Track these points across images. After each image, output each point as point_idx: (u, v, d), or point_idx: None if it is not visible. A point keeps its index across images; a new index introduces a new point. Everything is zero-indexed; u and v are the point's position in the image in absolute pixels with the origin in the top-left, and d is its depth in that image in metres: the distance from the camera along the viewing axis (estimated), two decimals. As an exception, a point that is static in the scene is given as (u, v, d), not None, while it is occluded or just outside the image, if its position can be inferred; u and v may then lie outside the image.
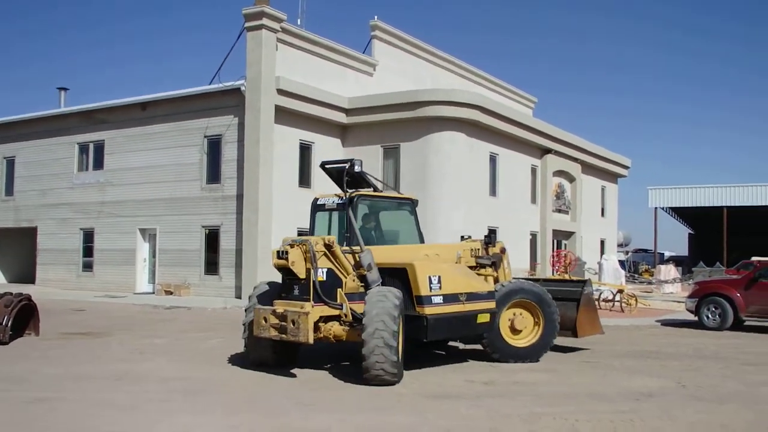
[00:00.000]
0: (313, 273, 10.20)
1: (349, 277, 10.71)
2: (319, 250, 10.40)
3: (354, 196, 11.50)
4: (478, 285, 11.47)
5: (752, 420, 8.20)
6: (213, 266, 25.62)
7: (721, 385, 10.39)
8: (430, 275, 10.60)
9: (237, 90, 24.73)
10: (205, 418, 7.89)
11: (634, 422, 7.96)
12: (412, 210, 12.63)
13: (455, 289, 10.87)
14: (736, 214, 57.32)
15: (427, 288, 10.51)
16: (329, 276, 10.50)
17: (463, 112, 26.34)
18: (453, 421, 7.87)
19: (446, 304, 10.68)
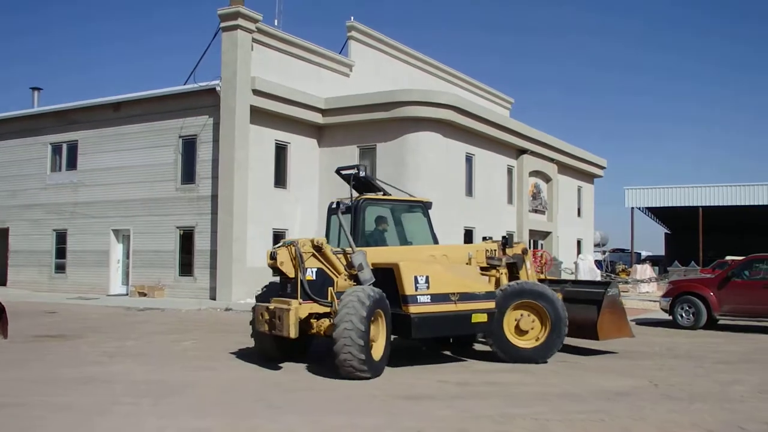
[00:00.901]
0: (301, 273, 10.68)
1: (341, 276, 11.08)
2: (307, 251, 10.86)
3: (359, 199, 12.03)
4: (474, 285, 11.45)
5: (723, 419, 8.19)
6: (187, 267, 25.43)
7: (693, 384, 10.40)
8: (416, 275, 10.84)
9: (212, 90, 24.58)
10: (173, 421, 7.76)
11: (606, 422, 7.93)
12: (424, 212, 12.87)
13: (445, 289, 11.03)
14: (712, 214, 57.85)
15: (412, 288, 10.76)
16: (319, 275, 10.93)
17: (439, 112, 26.34)
18: (424, 422, 7.79)
19: (434, 304, 10.89)
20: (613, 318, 12.71)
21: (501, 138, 30.72)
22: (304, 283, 10.70)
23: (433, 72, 36.10)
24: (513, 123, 32.36)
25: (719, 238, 62.99)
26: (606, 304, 12.52)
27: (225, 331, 16.35)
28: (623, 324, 12.96)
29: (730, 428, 7.78)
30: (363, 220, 11.92)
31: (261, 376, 10.48)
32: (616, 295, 12.95)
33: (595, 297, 12.73)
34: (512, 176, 33.07)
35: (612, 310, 12.69)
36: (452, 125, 27.26)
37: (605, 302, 12.51)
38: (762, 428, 7.80)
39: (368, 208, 12.11)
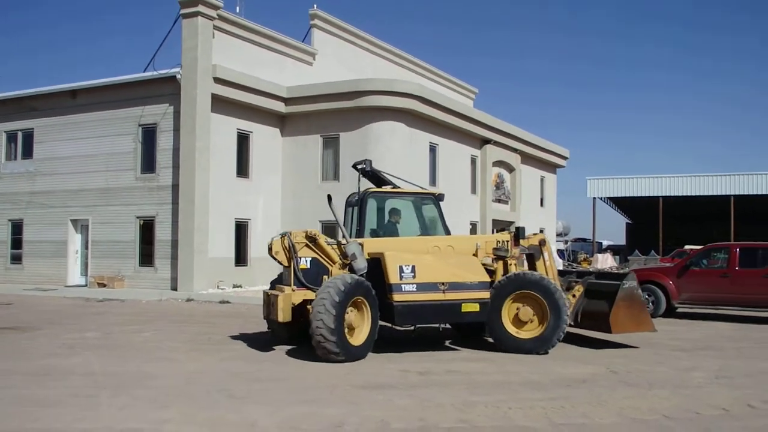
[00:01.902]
0: (294, 262, 11.34)
1: (335, 265, 11.59)
2: (300, 241, 11.49)
3: (364, 192, 12.48)
4: (466, 275, 11.55)
5: (681, 405, 8.31)
6: (148, 258, 25.14)
7: (652, 370, 10.53)
8: (401, 264, 11.19)
9: (172, 78, 24.27)
10: (132, 412, 7.63)
11: (565, 408, 8.00)
12: (434, 203, 13.02)
13: (433, 278, 11.29)
14: (672, 204, 58.74)
15: (396, 276, 11.13)
16: (314, 264, 11.54)
17: (403, 102, 26.30)
18: (385, 411, 7.78)
19: (420, 292, 11.21)
20: (630, 311, 12.34)
21: (465, 128, 30.79)
22: (297, 271, 11.33)
23: (397, 61, 36.04)
24: (477, 113, 32.45)
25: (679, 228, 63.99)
26: (621, 296, 12.22)
27: (186, 322, 16.19)
28: (642, 317, 12.52)
29: (687, 414, 7.89)
30: (367, 212, 12.37)
31: (223, 367, 10.38)
32: (633, 287, 12.48)
33: (610, 289, 12.49)
34: (476, 166, 33.18)
35: (628, 303, 12.32)
36: (416, 115, 27.24)
37: (620, 294, 12.21)
38: (718, 413, 7.92)
39: (371, 201, 12.54)
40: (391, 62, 35.60)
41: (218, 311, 18.83)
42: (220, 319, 16.82)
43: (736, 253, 18.01)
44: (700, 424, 7.47)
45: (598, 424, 7.37)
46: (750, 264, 17.75)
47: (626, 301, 12.28)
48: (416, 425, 7.24)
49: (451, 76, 41.20)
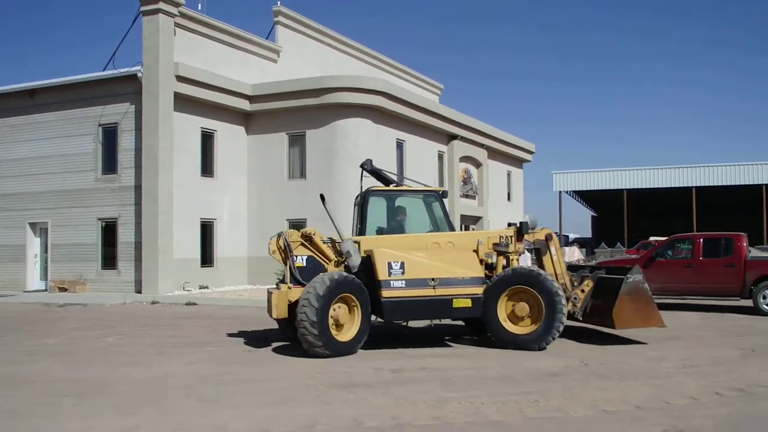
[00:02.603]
0: (290, 260, 11.66)
1: (331, 263, 11.89)
2: (295, 240, 11.84)
3: (366, 191, 12.68)
4: (458, 271, 11.60)
5: (651, 394, 8.37)
6: (111, 260, 24.70)
7: (623, 362, 10.59)
8: (390, 261, 11.36)
9: (133, 76, 23.87)
10: (96, 420, 7.40)
11: (539, 402, 7.98)
12: (437, 200, 13.08)
13: (423, 274, 11.41)
14: (636, 197, 59.43)
15: (385, 273, 11.30)
16: (310, 262, 11.85)
17: (368, 98, 26.16)
18: (358, 410, 7.66)
19: (409, 288, 11.34)
20: (636, 306, 11.99)
21: (431, 124, 30.74)
22: (293, 269, 11.65)
23: (362, 58, 35.90)
24: (443, 109, 32.42)
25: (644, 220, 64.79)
26: (625, 290, 11.90)
27: (152, 325, 15.91)
28: (649, 312, 12.12)
29: (657, 403, 7.95)
30: (369, 211, 12.56)
31: (192, 371, 10.17)
32: (639, 281, 12.07)
33: (614, 284, 12.19)
34: (443, 162, 33.16)
35: (634, 298, 11.97)
36: (382, 111, 27.13)
37: (624, 289, 11.90)
38: (688, 402, 7.99)
39: (373, 200, 12.68)
40: (357, 59, 35.46)
41: (185, 313, 18.57)
42: (187, 321, 16.57)
43: (699, 244, 18.23)
44: (670, 413, 7.52)
45: (572, 417, 7.36)
46: (713, 254, 18.02)
47: (631, 296, 11.95)
48: (390, 423, 7.14)
49: (416, 72, 41.17)
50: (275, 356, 11.37)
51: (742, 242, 17.83)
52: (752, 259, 17.87)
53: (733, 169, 54.78)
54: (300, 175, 26.66)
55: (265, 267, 26.07)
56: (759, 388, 8.71)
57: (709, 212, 62.33)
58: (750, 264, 17.47)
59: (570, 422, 7.18)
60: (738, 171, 54.57)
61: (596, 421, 7.23)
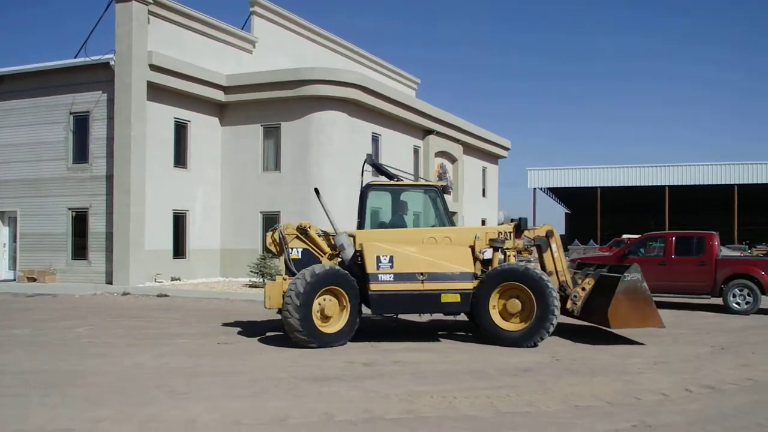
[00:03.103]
0: (286, 252, 12.04)
1: (325, 256, 12.15)
2: (290, 233, 12.17)
3: (366, 185, 12.71)
4: (448, 266, 11.62)
5: (622, 390, 8.44)
6: (81, 251, 24.38)
7: (594, 358, 10.68)
8: (379, 255, 11.52)
9: (106, 64, 23.52)
10: (65, 411, 7.30)
11: (511, 397, 8.01)
12: (437, 195, 12.93)
13: (412, 268, 11.51)
14: (610, 194, 59.96)
15: (374, 267, 11.47)
16: (305, 255, 12.13)
17: (344, 91, 26.04)
18: (329, 403, 7.63)
19: (397, 282, 11.47)
20: (633, 305, 11.74)
21: (407, 118, 30.69)
22: (288, 261, 12.01)
23: (338, 50, 35.74)
24: (419, 103, 32.39)
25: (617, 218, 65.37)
26: (621, 289, 11.67)
27: (123, 317, 15.73)
28: (648, 312, 11.88)
29: (628, 399, 8.02)
30: (367, 205, 12.59)
31: (162, 362, 10.07)
32: (636, 280, 11.81)
33: (612, 282, 12.00)
34: (418, 156, 33.16)
35: (631, 297, 11.73)
36: (358, 104, 27.04)
37: (620, 287, 11.67)
38: (657, 398, 8.07)
39: (371, 194, 12.67)
40: (333, 51, 35.28)
41: (156, 305, 18.39)
42: (158, 313, 16.41)
43: (672, 242, 18.40)
44: (640, 408, 7.59)
45: (543, 412, 7.40)
46: (685, 252, 18.20)
47: (627, 295, 11.71)
48: (361, 417, 7.12)
49: (393, 66, 41.09)
50: (247, 349, 11.30)
51: (714, 241, 18.01)
52: (723, 258, 18.07)
53: (706, 168, 55.52)
54: (274, 168, 26.50)
55: (238, 259, 25.98)
56: (728, 385, 8.81)
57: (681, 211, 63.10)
58: (721, 263, 17.66)
59: (541, 417, 7.21)
60: (710, 171, 55.32)
61: (567, 416, 7.27)
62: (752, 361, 10.58)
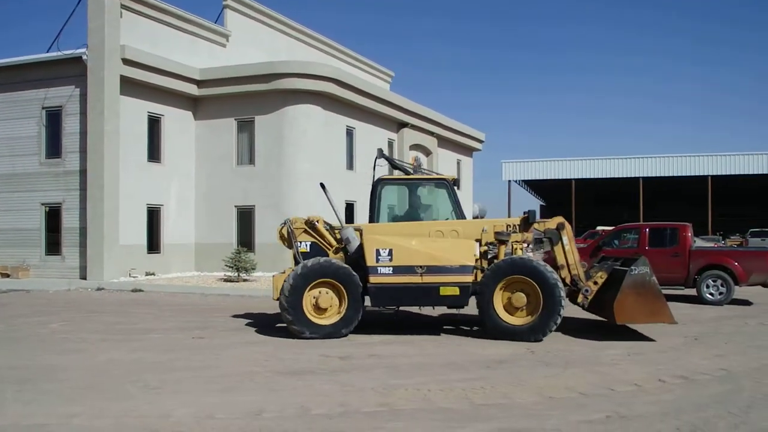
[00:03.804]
0: (295, 246, 12.37)
1: (332, 249, 12.40)
2: (298, 227, 12.47)
3: (377, 180, 12.81)
4: (447, 258, 11.63)
5: (596, 382, 8.51)
6: (55, 246, 24.13)
7: (569, 349, 10.75)
8: (378, 248, 11.68)
9: (78, 59, 23.26)
10: (39, 407, 7.25)
11: (485, 389, 8.06)
12: (447, 188, 12.91)
13: (411, 261, 11.61)
14: (584, 186, 60.35)
15: (373, 259, 11.64)
16: (313, 248, 12.43)
17: (318, 85, 25.96)
18: (305, 397, 7.64)
19: (396, 275, 11.61)
20: (641, 300, 11.44)
21: (381, 111, 30.65)
22: (297, 255, 12.31)
23: (312, 44, 35.62)
24: (393, 96, 32.36)
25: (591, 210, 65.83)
26: (628, 283, 11.41)
27: (97, 312, 15.62)
28: (657, 307, 11.50)
29: (602, 390, 8.09)
30: (378, 200, 12.66)
31: (136, 357, 10.03)
32: (645, 274, 11.48)
33: (619, 276, 11.75)
34: (393, 149, 33.13)
35: (639, 291, 11.42)
36: (332, 98, 26.96)
37: (627, 281, 11.40)
38: (631, 389, 8.15)
39: (381, 187, 12.74)
40: (307, 45, 35.16)
41: (130, 300, 18.28)
42: (133, 308, 16.31)
43: (645, 233, 18.56)
44: (614, 399, 7.66)
45: (518, 404, 7.45)
46: (659, 243, 18.33)
47: (635, 289, 11.42)
48: (337, 411, 7.13)
49: (367, 59, 41.03)
50: (222, 343, 11.27)
51: (687, 232, 18.18)
52: (696, 249, 18.26)
53: (680, 160, 56.01)
54: (249, 162, 26.38)
55: (213, 253, 25.86)
56: (701, 375, 8.91)
57: (656, 202, 63.71)
58: (694, 254, 17.83)
59: (516, 409, 7.27)
60: (684, 162, 55.83)
61: (541, 407, 7.33)
62: (725, 351, 10.71)
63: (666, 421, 6.84)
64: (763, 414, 7.12)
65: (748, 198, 66.08)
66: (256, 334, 12.27)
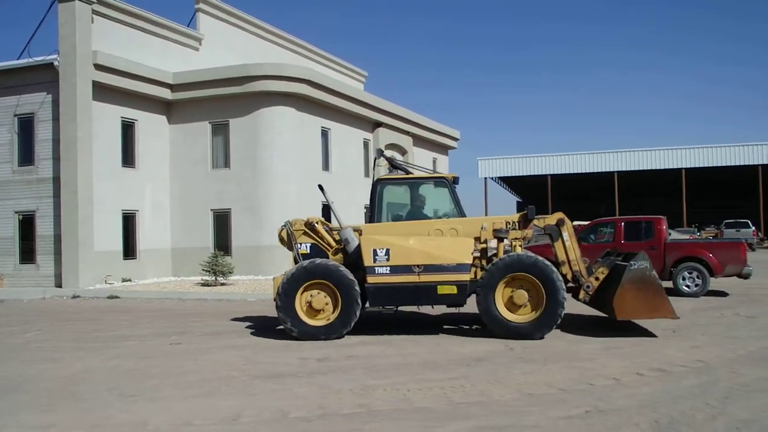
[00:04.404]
0: (295, 247, 12.43)
1: (331, 250, 12.43)
2: (298, 228, 12.54)
3: (376, 180, 12.85)
4: (444, 257, 11.60)
5: (574, 377, 8.54)
6: (29, 254, 23.89)
7: (547, 345, 10.78)
8: (375, 248, 11.71)
9: (50, 65, 23.09)
10: (12, 418, 7.15)
11: (465, 387, 8.06)
12: (448, 187, 12.88)
13: (408, 260, 11.61)
14: (560, 182, 60.68)
15: (370, 259, 11.66)
16: (313, 249, 12.48)
17: (292, 86, 25.89)
18: (283, 401, 7.60)
19: (393, 275, 11.62)
20: (642, 295, 11.28)
21: (356, 111, 30.63)
22: (297, 256, 12.37)
23: (286, 46, 35.53)
24: (368, 96, 32.33)
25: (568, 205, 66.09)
26: (628, 278, 11.27)
27: (72, 320, 15.45)
28: (658, 302, 11.33)
29: (581, 385, 8.11)
30: (378, 200, 12.67)
31: (112, 365, 9.92)
32: (644, 269, 11.34)
33: (620, 271, 11.63)
34: (368, 149, 33.12)
35: (639, 287, 11.27)
36: (306, 99, 26.90)
37: (626, 276, 11.27)
38: (610, 383, 8.19)
39: (381, 187, 12.76)
40: (281, 47, 35.07)
41: (107, 307, 18.11)
42: (109, 315, 16.15)
43: (621, 228, 18.68)
44: (593, 394, 7.69)
45: (497, 401, 7.45)
46: (634, 237, 18.45)
47: (635, 284, 11.27)
48: (315, 413, 7.10)
49: (341, 59, 40.98)
50: (200, 348, 11.18)
51: (662, 225, 18.31)
52: (672, 241, 18.40)
53: (653, 153, 56.50)
54: (224, 165, 26.26)
55: (189, 258, 25.72)
56: (678, 368, 8.98)
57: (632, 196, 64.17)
58: (669, 247, 17.98)
59: (494, 406, 7.27)
60: (658, 156, 56.32)
61: (521, 404, 7.34)
62: (702, 343, 10.79)
63: (644, 414, 6.88)
64: (739, 405, 7.17)
65: (723, 189, 66.77)
66: (234, 338, 12.19)
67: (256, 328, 13.16)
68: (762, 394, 7.61)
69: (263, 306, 16.87)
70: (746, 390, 7.76)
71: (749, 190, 58.11)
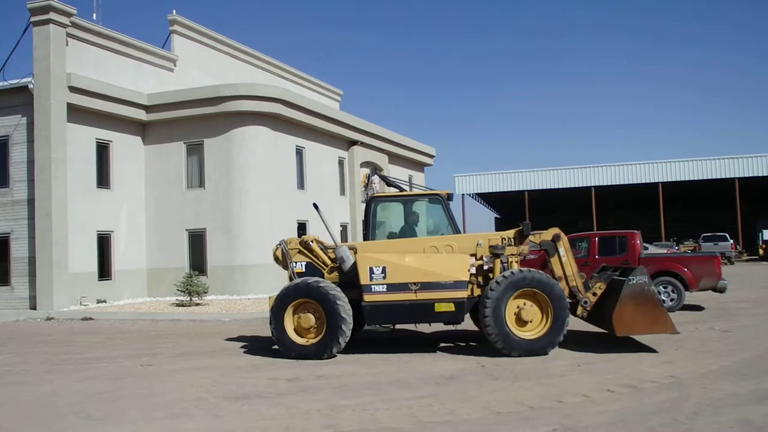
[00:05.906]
0: (290, 266, 12.39)
1: (327, 268, 12.37)
2: (293, 247, 12.50)
3: (370, 198, 12.89)
4: (441, 274, 11.54)
5: (544, 394, 8.53)
6: (3, 276, 23.67)
7: (518, 362, 10.78)
8: (372, 266, 11.63)
9: (24, 88, 23.11)
10: (-25, 445, 7.09)
11: (433, 406, 8.05)
12: (441, 204, 12.85)
13: (404, 278, 11.56)
14: (537, 197, 60.99)
15: (367, 278, 11.60)
16: (308, 268, 12.42)
17: (266, 106, 25.95)
18: (249, 422, 7.57)
19: (390, 293, 11.56)
20: (641, 310, 11.19)
21: (331, 130, 30.71)
22: (292, 275, 12.32)
23: (260, 66, 35.61)
24: (343, 115, 32.44)
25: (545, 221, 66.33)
26: (627, 293, 11.18)
27: (44, 342, 15.31)
28: (657, 317, 11.24)
29: (550, 402, 8.11)
30: (371, 218, 12.68)
31: (81, 387, 9.84)
32: (643, 284, 11.25)
33: (617, 286, 11.55)
34: (344, 167, 33.19)
35: (638, 301, 11.18)
36: (281, 119, 26.95)
37: (625, 291, 11.17)
38: (579, 400, 8.19)
39: (374, 205, 12.78)
40: (255, 67, 35.14)
41: (81, 329, 17.96)
42: (82, 337, 16.02)
43: (595, 242, 18.80)
44: (561, 411, 7.69)
45: (465, 420, 7.45)
46: (608, 252, 18.56)
47: (633, 299, 11.19)
48: (282, 435, 7.07)
49: (315, 78, 41.12)
50: (170, 370, 11.12)
51: (636, 240, 18.42)
52: (646, 256, 18.49)
53: (630, 168, 56.95)
54: (198, 185, 26.22)
55: (164, 278, 25.59)
56: (649, 383, 8.98)
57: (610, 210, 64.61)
58: (644, 261, 17.96)
59: (462, 425, 7.27)
60: (635, 170, 56.77)
61: (488, 422, 7.34)
62: (674, 358, 10.80)
63: (612, 431, 6.89)
64: (708, 420, 7.18)
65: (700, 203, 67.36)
66: (205, 358, 12.13)
67: (227, 349, 13.11)
68: (731, 409, 7.62)
69: (237, 326, 16.80)
70: (716, 405, 7.77)
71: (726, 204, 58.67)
